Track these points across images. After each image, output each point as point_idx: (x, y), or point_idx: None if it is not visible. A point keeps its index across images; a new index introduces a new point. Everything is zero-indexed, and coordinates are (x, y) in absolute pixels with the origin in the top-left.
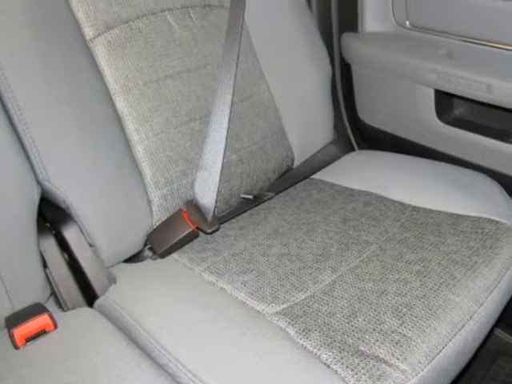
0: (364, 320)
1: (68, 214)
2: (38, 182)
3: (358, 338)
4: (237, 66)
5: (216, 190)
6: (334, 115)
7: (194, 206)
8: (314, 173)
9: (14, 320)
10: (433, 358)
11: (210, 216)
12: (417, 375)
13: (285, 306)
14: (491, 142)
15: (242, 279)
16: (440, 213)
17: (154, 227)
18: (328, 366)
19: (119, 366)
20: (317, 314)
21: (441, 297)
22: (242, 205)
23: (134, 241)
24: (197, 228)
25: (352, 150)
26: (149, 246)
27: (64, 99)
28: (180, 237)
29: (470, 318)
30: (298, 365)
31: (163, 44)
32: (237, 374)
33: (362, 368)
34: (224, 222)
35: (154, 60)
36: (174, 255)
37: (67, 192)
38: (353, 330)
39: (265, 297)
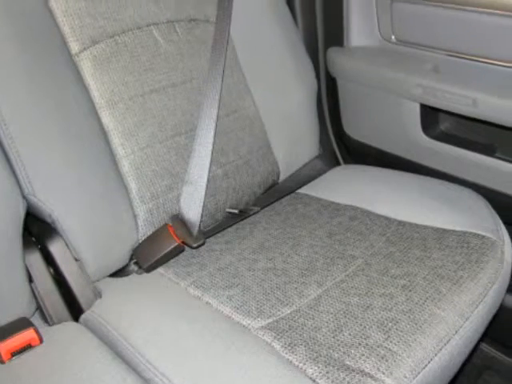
0: (350, 334)
1: (54, 229)
2: (24, 197)
3: (344, 353)
4: (222, 81)
5: (202, 204)
6: (319, 130)
7: (179, 220)
8: (300, 187)
9: (0, 334)
10: (418, 373)
11: (195, 230)
12: None
13: (270, 320)
14: (477, 157)
15: (227, 294)
16: (426, 227)
17: (140, 241)
18: (314, 381)
19: (105, 381)
20: (302, 329)
21: (426, 311)
22: (227, 219)
23: (119, 255)
24: (182, 242)
25: (338, 164)
26: (134, 260)
27: (49, 113)
28: (165, 251)
29: (456, 332)
30: (283, 379)
31: (149, 58)
32: None
33: (348, 382)
34: (210, 236)
35: (139, 74)
36: (160, 269)
37: (53, 206)
38: (338, 345)
39: (250, 311)
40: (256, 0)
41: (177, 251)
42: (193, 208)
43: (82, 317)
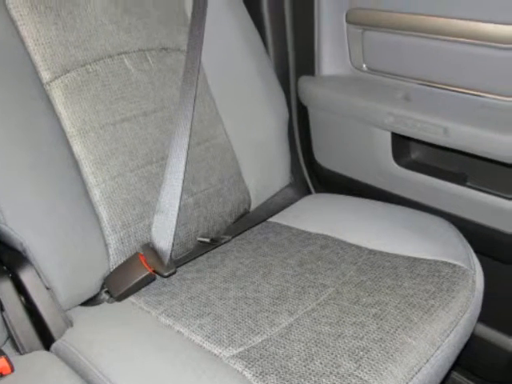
0: (321, 363)
1: (25, 257)
2: None
3: (315, 382)
4: (194, 109)
5: (173, 233)
6: (290, 158)
7: (150, 249)
8: (271, 216)
9: None
10: None
11: (166, 259)
12: None
13: (241, 349)
14: (448, 186)
15: (198, 322)
16: (397, 256)
17: (111, 270)
18: None
19: None
20: (274, 357)
21: (397, 340)
22: (198, 248)
23: (90, 284)
24: (153, 271)
25: (309, 193)
26: (106, 289)
27: (20, 142)
28: (137, 280)
29: (427, 361)
30: None
31: (120, 87)
32: None
33: None
34: (181, 265)
35: (110, 103)
36: (131, 298)
37: (23, 235)
38: (310, 374)
39: (222, 340)
40: (227, 29)
41: (148, 280)
42: (164, 237)
43: (54, 345)
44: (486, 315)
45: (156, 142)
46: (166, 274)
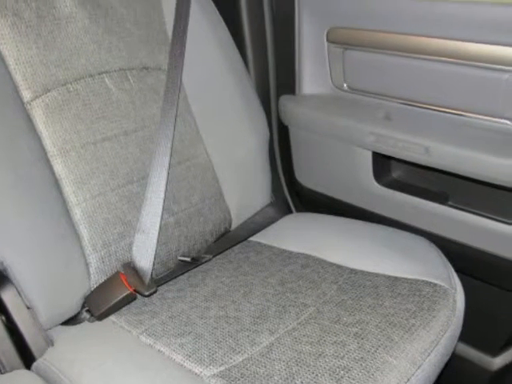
0: (302, 383)
1: (5, 276)
2: None
3: None
4: (174, 129)
5: (153, 252)
6: (271, 177)
7: (131, 268)
8: (252, 235)
9: None
10: None
11: (147, 278)
12: None
13: (222, 368)
14: (429, 205)
15: (179, 341)
16: (377, 275)
17: (92, 289)
18: None
19: None
20: (254, 377)
21: (378, 359)
22: (179, 267)
23: (71, 303)
24: (134, 290)
25: (289, 212)
26: (86, 308)
27: (1, 162)
28: (117, 299)
29: (408, 380)
30: None
31: (101, 106)
32: None
33: None
34: (162, 284)
35: (91, 122)
36: (112, 317)
37: (4, 254)
38: None
39: (202, 359)
40: (208, 48)
41: (129, 299)
42: (145, 256)
43: (34, 364)
44: (467, 334)
45: (137, 162)
46: (146, 293)
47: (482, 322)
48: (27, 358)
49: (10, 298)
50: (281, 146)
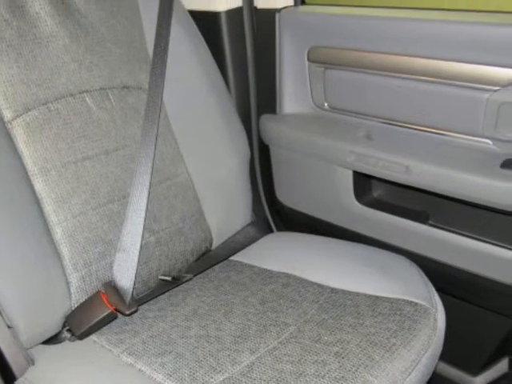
0: None
1: None
2: None
3: None
4: (155, 148)
5: (134, 271)
6: (252, 197)
7: (112, 287)
8: (233, 254)
9: None
10: None
11: (128, 298)
12: None
13: None
14: (410, 224)
15: (160, 361)
16: (358, 294)
17: (73, 309)
18: None
19: None
20: None
21: (359, 378)
22: (160, 286)
23: (52, 322)
24: (115, 309)
25: (270, 231)
26: (67, 327)
27: None
28: (98, 318)
29: None
30: None
31: (82, 125)
32: None
33: None
34: (142, 303)
35: (72, 141)
36: (93, 337)
37: None
38: None
39: (183, 378)
40: (189, 67)
41: (110, 318)
42: (126, 275)
43: None
44: (448, 353)
45: (118, 181)
46: (127, 312)
47: (463, 341)
48: (8, 377)
49: None
50: (262, 165)
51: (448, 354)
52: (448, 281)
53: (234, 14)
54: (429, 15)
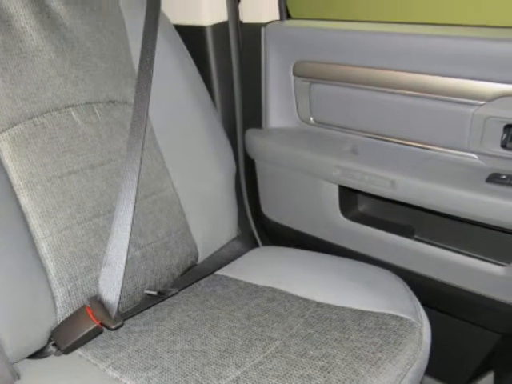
0: None
1: None
2: None
3: None
4: (141, 162)
5: (120, 286)
6: (237, 211)
7: (98, 301)
8: (218, 269)
9: None
10: None
11: (114, 312)
12: None
13: None
14: (395, 239)
15: (146, 375)
16: (344, 309)
17: (58, 323)
18: None
19: None
20: None
21: None
22: (146, 301)
23: (37, 337)
24: (101, 324)
25: (256, 245)
26: (53, 341)
27: None
28: (84, 333)
29: None
30: None
31: (67, 140)
32: None
33: None
34: (128, 317)
35: (58, 156)
36: (78, 351)
37: None
38: None
39: None
40: (175, 82)
41: (95, 333)
42: (111, 290)
43: None
44: (434, 368)
45: (103, 195)
46: (113, 326)
47: (449, 356)
48: None
49: None
50: (247, 180)
51: (434, 368)
52: (433, 295)
53: (220, 28)
54: (414, 29)
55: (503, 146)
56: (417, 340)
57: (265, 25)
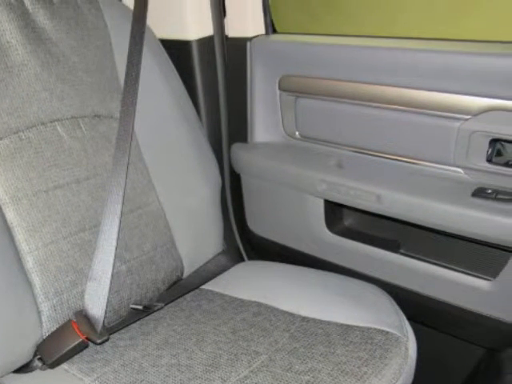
0: None
1: None
2: None
3: None
4: (126, 177)
5: (105, 300)
6: (223, 226)
7: (83, 316)
8: (204, 283)
9: None
10: None
11: (99, 326)
12: None
13: None
14: (381, 253)
15: None
16: (329, 323)
17: (44, 337)
18: None
19: None
20: None
21: None
22: (131, 315)
23: (23, 351)
24: (86, 338)
25: (242, 260)
26: (38, 356)
27: None
28: (69, 347)
29: None
30: None
31: (53, 154)
32: None
33: None
34: (114, 332)
35: (43, 170)
36: (64, 365)
37: None
38: None
39: None
40: (160, 96)
41: (81, 347)
42: (97, 304)
43: None
44: (420, 382)
45: (89, 209)
46: (98, 341)
47: (434, 370)
48: None
49: None
50: (233, 194)
51: (419, 382)
52: (419, 309)
53: (205, 42)
54: (400, 44)
55: (489, 160)
56: (402, 354)
57: (250, 39)
